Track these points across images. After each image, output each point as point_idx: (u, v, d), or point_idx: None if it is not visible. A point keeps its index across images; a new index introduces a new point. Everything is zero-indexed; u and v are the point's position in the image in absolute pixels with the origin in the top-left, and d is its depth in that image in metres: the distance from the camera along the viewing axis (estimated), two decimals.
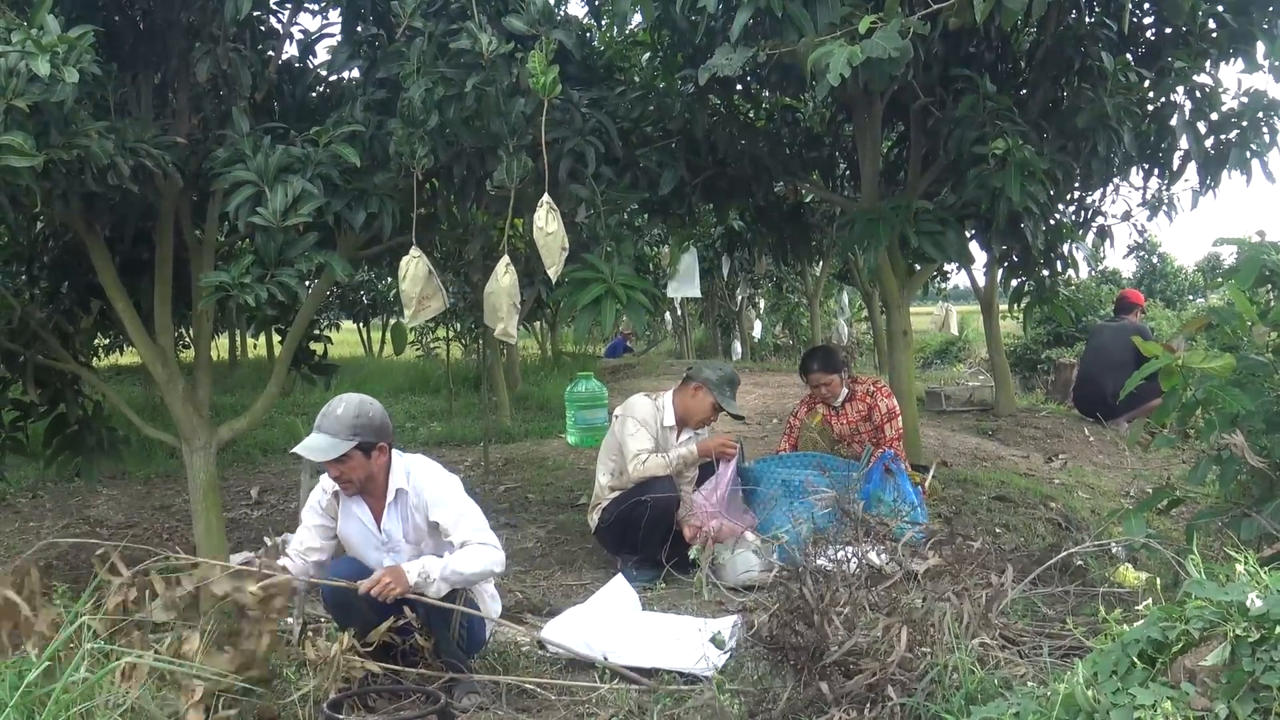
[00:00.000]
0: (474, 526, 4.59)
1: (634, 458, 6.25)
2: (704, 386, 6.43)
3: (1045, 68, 7.07)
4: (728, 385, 6.47)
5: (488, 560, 4.53)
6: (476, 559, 4.49)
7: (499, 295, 5.78)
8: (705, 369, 6.59)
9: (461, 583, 4.51)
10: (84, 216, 6.04)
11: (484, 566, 4.53)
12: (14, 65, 4.54)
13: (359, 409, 4.55)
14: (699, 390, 6.44)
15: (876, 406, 7.03)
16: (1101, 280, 19.58)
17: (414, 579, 4.37)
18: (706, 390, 6.42)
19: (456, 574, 4.45)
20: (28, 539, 8.15)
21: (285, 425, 11.99)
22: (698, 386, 6.45)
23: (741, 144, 7.48)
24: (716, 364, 6.87)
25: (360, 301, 22.14)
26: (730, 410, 6.47)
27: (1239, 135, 7.06)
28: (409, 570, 4.39)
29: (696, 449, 6.34)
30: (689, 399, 6.47)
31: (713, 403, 6.42)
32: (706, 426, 6.58)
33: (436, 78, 5.40)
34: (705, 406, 6.44)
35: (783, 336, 24.08)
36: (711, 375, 6.48)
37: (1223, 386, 4.33)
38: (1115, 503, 7.88)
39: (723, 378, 6.48)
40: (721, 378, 6.48)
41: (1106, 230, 9.78)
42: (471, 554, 4.50)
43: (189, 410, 6.51)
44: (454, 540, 4.55)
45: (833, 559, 4.07)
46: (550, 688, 4.59)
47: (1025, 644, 4.09)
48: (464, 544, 4.52)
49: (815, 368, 7.16)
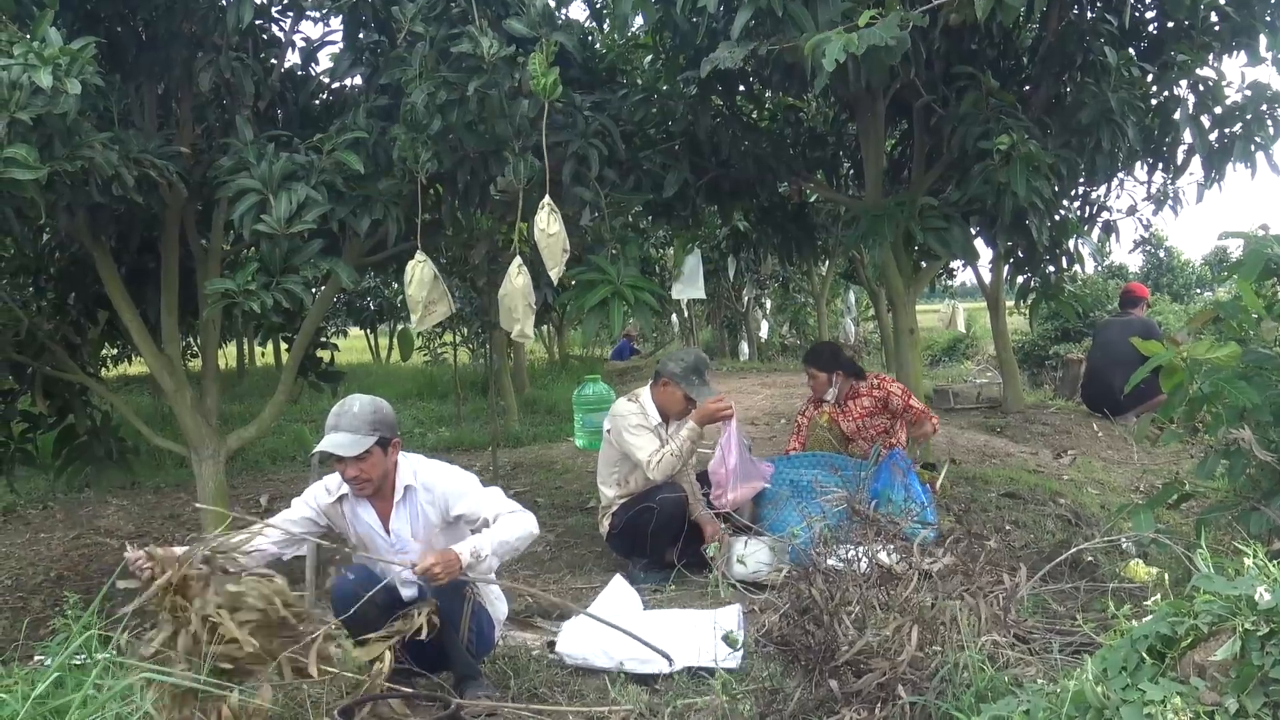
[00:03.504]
0: (498, 502, 4.61)
1: (648, 462, 6.19)
2: (670, 380, 6.36)
3: (1048, 63, 7.06)
4: (693, 374, 6.36)
5: (527, 525, 4.53)
6: (517, 526, 4.49)
7: (514, 296, 5.78)
8: (669, 362, 6.47)
9: (509, 552, 4.51)
10: (89, 227, 6.07)
11: (525, 531, 4.52)
12: (16, 78, 4.56)
13: (374, 405, 4.57)
14: (667, 385, 6.36)
15: (891, 394, 7.05)
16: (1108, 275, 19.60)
17: (467, 559, 4.30)
18: (674, 384, 6.35)
19: (504, 544, 4.44)
20: (38, 550, 8.17)
21: (294, 433, 12.01)
22: (665, 381, 6.37)
23: (745, 145, 7.48)
24: (680, 354, 6.71)
25: (367, 308, 22.18)
26: (700, 398, 6.35)
27: (1243, 128, 7.07)
28: (460, 550, 4.31)
29: (695, 423, 6.28)
30: (661, 394, 6.40)
31: (682, 394, 6.36)
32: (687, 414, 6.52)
33: (439, 82, 5.42)
34: (677, 399, 6.35)
35: (790, 336, 24.11)
36: (675, 368, 6.36)
37: (1230, 380, 4.32)
38: (1124, 498, 7.86)
39: (686, 367, 6.37)
40: (685, 367, 6.37)
41: (1112, 225, 9.78)
42: (511, 523, 4.49)
43: (197, 419, 6.53)
44: (487, 518, 4.54)
45: (843, 558, 4.07)
46: (561, 690, 4.59)
47: (1035, 641, 4.09)
48: (495, 518, 4.53)
49: (808, 359, 7.35)
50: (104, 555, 8.05)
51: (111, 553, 8.09)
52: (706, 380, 6.42)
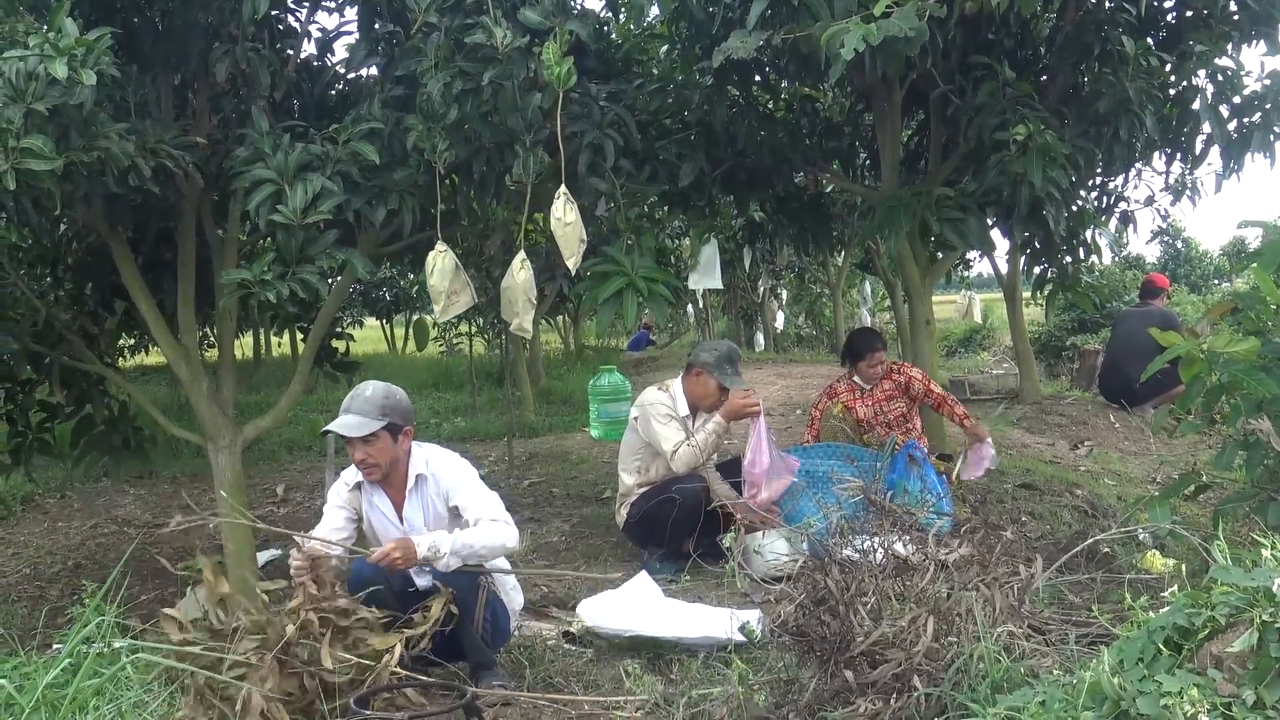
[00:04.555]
0: (488, 505, 4.61)
1: (672, 453, 6.22)
2: (704, 370, 6.39)
3: (1065, 53, 7.01)
4: (727, 363, 6.42)
5: (500, 536, 4.52)
6: (487, 534, 4.49)
7: (515, 291, 5.79)
8: (702, 352, 6.55)
9: (472, 557, 4.47)
10: (106, 218, 6.08)
11: (496, 541, 4.50)
12: (33, 69, 4.57)
13: (386, 391, 4.61)
14: (700, 374, 6.40)
15: (912, 378, 7.07)
16: (1125, 266, 19.52)
17: (423, 552, 4.36)
18: (708, 373, 6.38)
19: (467, 547, 4.43)
20: (56, 539, 8.22)
21: (309, 423, 12.05)
22: (699, 371, 6.41)
23: (761, 135, 7.46)
24: (711, 344, 6.81)
25: (383, 298, 22.21)
26: (735, 386, 6.41)
27: (1262, 118, 7.01)
28: (419, 543, 4.38)
29: (722, 417, 6.31)
30: (694, 385, 6.44)
31: (716, 384, 6.38)
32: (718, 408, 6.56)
33: (455, 72, 5.41)
34: (711, 389, 6.39)
35: (806, 327, 24.08)
36: (709, 357, 6.43)
37: (1248, 371, 4.30)
38: (1141, 489, 7.84)
39: (720, 356, 6.43)
40: (719, 356, 6.43)
41: (1129, 215, 9.72)
42: (483, 529, 4.50)
43: (214, 409, 6.55)
44: (468, 519, 4.56)
45: (858, 549, 4.06)
46: (577, 680, 4.60)
47: (1051, 632, 4.07)
48: (476, 521, 4.54)
49: (879, 345, 7.30)
50: (121, 544, 8.09)
51: (129, 542, 8.13)
52: (738, 371, 6.51)
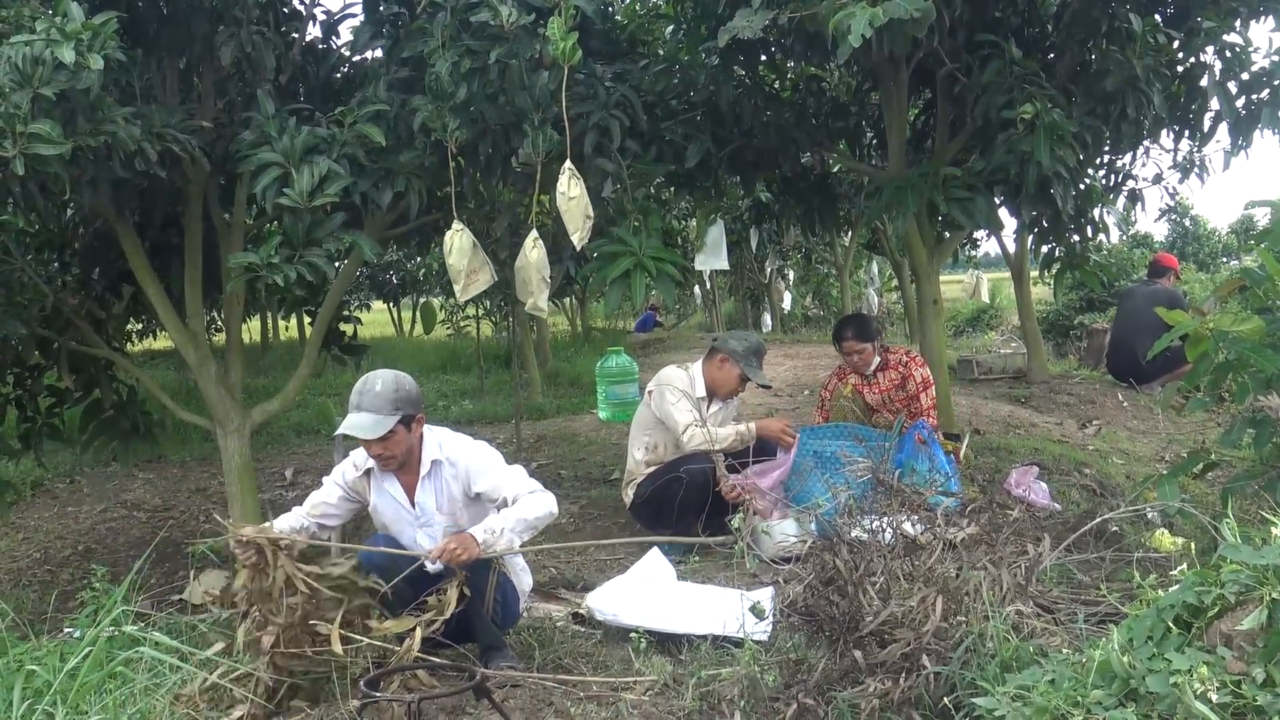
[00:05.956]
0: (520, 481, 4.63)
1: (685, 432, 6.22)
2: (730, 358, 6.40)
3: (1072, 30, 6.97)
4: (754, 355, 6.44)
5: (546, 504, 4.55)
6: (536, 505, 4.52)
7: (528, 270, 5.80)
8: (731, 340, 6.56)
9: (527, 531, 4.52)
10: (113, 202, 6.08)
11: (545, 510, 4.54)
12: (39, 53, 4.57)
13: (396, 383, 4.55)
14: (725, 361, 6.42)
15: (911, 375, 7.01)
16: (1133, 244, 19.47)
17: (482, 538, 4.35)
18: (733, 361, 6.39)
19: (523, 521, 4.47)
20: (66, 523, 8.24)
21: (317, 407, 12.07)
22: (724, 358, 6.42)
23: (767, 115, 7.43)
24: (742, 334, 6.84)
25: (390, 281, 22.21)
26: (757, 380, 6.44)
27: (1270, 94, 6.96)
28: (475, 533, 4.37)
29: (756, 429, 6.31)
30: (716, 370, 6.45)
31: (739, 374, 6.39)
32: (735, 396, 6.58)
33: (463, 50, 5.39)
34: (732, 378, 6.41)
35: (813, 308, 24.04)
36: (737, 346, 6.44)
37: (1256, 348, 4.29)
38: (1150, 468, 7.84)
39: (749, 348, 6.45)
40: (747, 348, 6.44)
41: (1137, 194, 9.71)
42: (531, 501, 4.52)
43: (222, 393, 6.56)
44: (506, 498, 4.57)
45: (867, 529, 4.07)
46: (586, 661, 4.61)
47: (1060, 611, 4.08)
48: (515, 498, 4.55)
49: (849, 335, 7.12)
50: (131, 528, 8.11)
51: (139, 526, 8.16)
52: (762, 366, 6.54)
